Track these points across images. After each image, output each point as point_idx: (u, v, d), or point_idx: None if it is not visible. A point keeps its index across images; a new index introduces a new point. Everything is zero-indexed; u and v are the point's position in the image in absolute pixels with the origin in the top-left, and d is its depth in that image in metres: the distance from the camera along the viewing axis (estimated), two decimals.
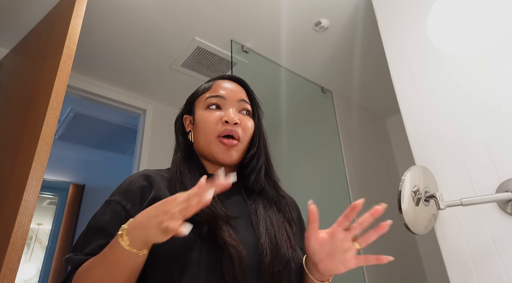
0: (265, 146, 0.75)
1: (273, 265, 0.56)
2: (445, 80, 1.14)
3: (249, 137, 0.72)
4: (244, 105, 0.73)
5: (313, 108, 2.46)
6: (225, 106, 0.71)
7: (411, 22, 1.31)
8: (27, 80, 1.32)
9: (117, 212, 0.59)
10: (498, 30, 1.04)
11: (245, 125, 0.71)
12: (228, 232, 0.56)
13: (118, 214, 0.58)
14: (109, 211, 0.59)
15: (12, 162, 1.10)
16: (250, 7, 1.70)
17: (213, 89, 0.73)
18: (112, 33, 1.83)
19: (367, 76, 2.32)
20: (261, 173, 0.71)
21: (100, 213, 0.60)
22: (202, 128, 0.70)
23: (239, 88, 0.75)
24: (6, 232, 0.90)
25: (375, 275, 2.00)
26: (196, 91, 0.77)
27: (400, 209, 0.87)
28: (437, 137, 1.12)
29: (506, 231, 0.91)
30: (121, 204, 0.60)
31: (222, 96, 0.71)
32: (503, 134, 0.97)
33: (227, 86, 0.73)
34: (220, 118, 0.69)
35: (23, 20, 1.68)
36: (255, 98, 0.78)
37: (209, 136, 0.68)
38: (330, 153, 2.30)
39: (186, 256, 0.53)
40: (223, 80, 0.76)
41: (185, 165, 0.69)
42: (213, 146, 0.68)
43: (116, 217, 0.58)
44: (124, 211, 0.59)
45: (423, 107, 1.19)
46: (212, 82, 0.76)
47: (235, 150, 0.69)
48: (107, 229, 0.57)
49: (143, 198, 0.60)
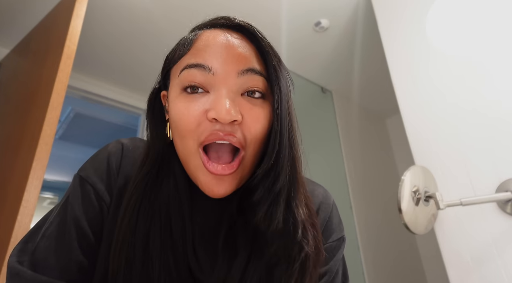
0: (291, 150, 0.43)
1: None
2: (445, 80, 1.14)
3: (263, 139, 0.42)
4: (252, 81, 0.41)
5: (313, 108, 2.46)
6: (215, 87, 0.40)
7: (411, 22, 1.31)
8: (27, 80, 1.32)
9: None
10: (498, 30, 1.04)
11: (253, 121, 0.41)
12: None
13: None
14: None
15: (12, 162, 1.10)
16: (250, 7, 1.70)
17: (194, 50, 0.42)
18: (112, 34, 1.83)
19: (367, 76, 2.32)
20: (279, 205, 0.40)
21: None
22: (176, 129, 0.42)
23: (245, 46, 0.43)
24: (7, 232, 0.90)
25: (375, 275, 2.00)
26: (171, 53, 0.47)
27: (399, 209, 0.87)
28: (437, 137, 1.12)
29: (506, 231, 0.91)
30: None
31: (207, 67, 0.40)
32: (502, 134, 0.97)
33: (220, 43, 0.42)
34: (203, 112, 0.40)
35: (24, 20, 1.68)
36: (275, 63, 0.43)
37: (187, 144, 0.41)
38: (330, 153, 2.30)
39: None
40: (214, 31, 0.44)
41: (153, 185, 0.43)
42: (194, 164, 0.41)
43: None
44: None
45: (423, 107, 1.19)
46: (195, 33, 0.46)
47: (234, 176, 0.41)
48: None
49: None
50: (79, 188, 0.45)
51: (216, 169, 0.39)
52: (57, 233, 0.41)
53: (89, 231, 0.42)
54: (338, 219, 0.53)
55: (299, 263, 0.39)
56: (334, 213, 0.52)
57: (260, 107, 0.42)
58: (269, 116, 0.42)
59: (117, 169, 0.46)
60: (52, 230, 0.42)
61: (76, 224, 0.42)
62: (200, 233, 0.43)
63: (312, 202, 0.48)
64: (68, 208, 0.43)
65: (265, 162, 0.41)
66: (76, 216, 0.42)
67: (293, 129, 0.44)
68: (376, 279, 1.99)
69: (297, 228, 0.40)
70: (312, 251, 0.41)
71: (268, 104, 0.43)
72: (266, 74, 0.43)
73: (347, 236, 0.54)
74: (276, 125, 0.41)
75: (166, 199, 0.43)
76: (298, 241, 0.40)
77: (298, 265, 0.39)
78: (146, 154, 0.46)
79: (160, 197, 0.43)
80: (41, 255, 0.40)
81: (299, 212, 0.41)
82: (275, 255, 0.40)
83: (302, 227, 0.41)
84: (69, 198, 0.44)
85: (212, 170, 0.39)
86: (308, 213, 0.43)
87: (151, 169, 0.44)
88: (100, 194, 0.44)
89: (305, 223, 0.41)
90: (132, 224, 0.41)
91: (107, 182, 0.45)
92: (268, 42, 0.44)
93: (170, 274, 0.40)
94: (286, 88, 0.44)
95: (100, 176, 0.45)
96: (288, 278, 0.39)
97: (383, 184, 2.43)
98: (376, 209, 2.24)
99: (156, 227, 0.41)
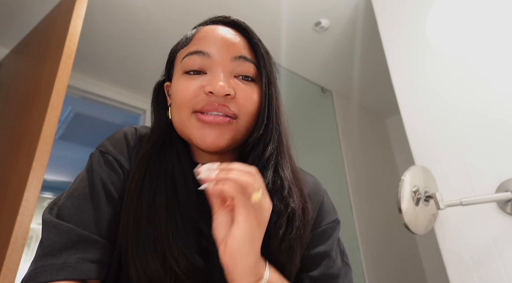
0: (278, 126, 0.50)
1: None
2: (445, 80, 1.14)
3: (254, 114, 0.48)
4: (243, 66, 0.48)
5: (313, 108, 2.46)
6: (212, 68, 0.47)
7: (411, 22, 1.31)
8: (27, 80, 1.32)
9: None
10: (498, 31, 1.04)
11: (245, 97, 0.47)
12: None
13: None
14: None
15: (12, 162, 1.10)
16: (250, 7, 1.70)
17: (195, 40, 0.50)
18: (112, 33, 1.83)
19: (367, 76, 2.32)
20: (268, 169, 0.47)
21: None
22: (175, 102, 0.48)
23: (238, 38, 0.50)
24: (7, 232, 0.90)
25: (375, 275, 2.00)
26: (175, 45, 0.55)
27: (399, 209, 0.87)
28: (437, 137, 1.12)
29: (506, 231, 0.91)
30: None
31: (205, 53, 0.47)
32: (502, 134, 0.97)
33: (217, 35, 0.49)
34: (200, 87, 0.46)
35: (24, 20, 1.68)
36: (263, 53, 0.51)
37: (182, 112, 0.47)
38: (330, 153, 2.30)
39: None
40: (212, 26, 0.51)
41: (158, 156, 0.49)
42: (188, 126, 0.47)
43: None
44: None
45: (423, 107, 1.19)
46: (197, 28, 0.53)
47: (225, 130, 0.46)
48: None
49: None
50: (102, 158, 0.49)
51: (209, 117, 0.45)
52: (87, 194, 0.45)
53: (114, 193, 0.47)
54: (331, 204, 0.59)
55: (286, 216, 0.46)
56: (325, 199, 0.58)
57: (252, 87, 0.49)
58: (259, 96, 0.49)
59: (134, 145, 0.52)
60: (82, 192, 0.46)
61: (104, 186, 0.46)
62: (202, 197, 0.47)
63: (299, 173, 0.54)
64: (94, 173, 0.47)
65: (255, 131, 0.48)
66: (102, 179, 0.47)
67: (279, 109, 0.52)
68: (376, 279, 1.99)
69: (284, 188, 0.47)
70: (298, 207, 0.48)
71: (258, 86, 0.50)
72: (256, 62, 0.50)
73: (347, 236, 0.55)
74: (265, 103, 0.49)
75: (170, 167, 0.48)
76: (284, 198, 0.47)
77: (286, 218, 0.46)
78: (151, 132, 0.53)
79: (164, 165, 0.48)
80: (72, 211, 0.44)
81: (285, 176, 0.49)
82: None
83: (288, 187, 0.48)
84: (93, 166, 0.48)
85: (205, 118, 0.45)
86: (294, 178, 0.51)
87: (156, 143, 0.50)
88: (121, 162, 0.49)
89: (291, 185, 0.49)
90: (138, 186, 0.46)
91: (126, 155, 0.50)
92: (257, 36, 0.52)
93: (177, 226, 0.44)
94: (273, 74, 0.52)
95: (119, 150, 0.50)
96: (278, 229, 0.45)
97: (383, 184, 2.43)
98: (376, 209, 2.24)
99: (161, 189, 0.46)
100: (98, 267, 0.41)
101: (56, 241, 0.41)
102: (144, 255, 0.42)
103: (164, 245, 0.42)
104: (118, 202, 0.47)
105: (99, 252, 0.42)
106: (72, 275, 0.39)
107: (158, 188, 0.46)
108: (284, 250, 0.46)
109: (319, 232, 0.54)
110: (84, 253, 0.41)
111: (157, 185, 0.46)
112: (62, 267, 0.39)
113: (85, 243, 0.41)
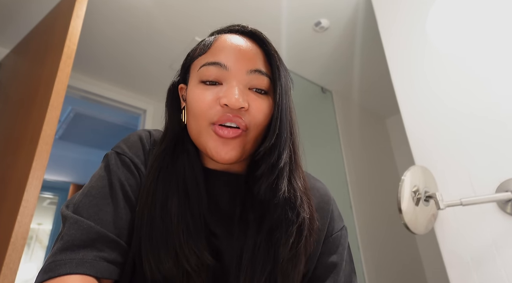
0: (291, 135, 0.51)
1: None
2: (445, 80, 1.14)
3: (263, 125, 0.49)
4: (258, 79, 0.49)
5: (313, 108, 2.46)
6: (227, 80, 0.48)
7: (411, 22, 1.31)
8: (27, 80, 1.32)
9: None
10: (498, 31, 1.04)
11: (257, 109, 0.48)
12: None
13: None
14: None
15: (12, 161, 1.10)
16: (250, 7, 1.70)
17: (213, 50, 0.51)
18: (112, 33, 1.83)
19: (367, 76, 2.32)
20: (283, 179, 0.48)
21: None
22: (192, 111, 0.49)
23: (254, 49, 0.51)
24: (7, 232, 0.90)
25: (375, 275, 2.00)
26: (192, 51, 0.56)
27: (400, 209, 0.87)
28: (437, 137, 1.12)
29: (506, 231, 0.91)
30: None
31: (223, 64, 0.48)
32: (502, 134, 0.97)
33: (234, 46, 0.50)
34: (216, 99, 0.47)
35: (23, 20, 1.68)
36: (279, 64, 0.51)
37: (200, 123, 0.48)
38: (330, 153, 2.30)
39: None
40: (230, 35, 0.52)
41: (171, 158, 0.51)
42: (204, 136, 0.48)
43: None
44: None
45: (423, 107, 1.19)
46: (214, 36, 0.54)
47: (237, 143, 0.47)
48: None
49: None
50: (118, 160, 0.51)
51: (223, 133, 0.46)
52: (105, 193, 0.47)
53: (131, 195, 0.49)
54: (338, 211, 0.60)
55: (296, 225, 0.47)
56: (335, 206, 0.60)
57: (264, 100, 0.50)
58: (270, 108, 0.50)
59: (149, 149, 0.54)
60: (99, 191, 0.47)
61: (122, 187, 0.48)
62: (214, 201, 0.50)
63: (307, 182, 0.55)
64: (112, 174, 0.49)
65: (267, 141, 0.48)
66: (120, 180, 0.48)
67: (293, 120, 0.52)
68: (376, 279, 1.99)
69: (296, 197, 0.48)
70: (307, 217, 0.49)
71: (271, 98, 0.51)
72: (270, 74, 0.51)
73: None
74: (277, 113, 0.49)
75: (181, 170, 0.50)
76: (297, 208, 0.48)
77: (296, 228, 0.47)
78: (164, 134, 0.54)
79: (176, 168, 0.50)
80: (91, 210, 0.45)
81: (298, 185, 0.50)
82: (277, 220, 0.48)
83: (300, 197, 0.49)
84: (110, 166, 0.50)
85: (220, 133, 0.46)
86: (304, 187, 0.52)
87: (168, 146, 0.52)
88: (138, 165, 0.51)
89: (302, 194, 0.50)
90: (153, 187, 0.48)
91: (142, 158, 0.52)
92: (273, 47, 0.52)
93: (188, 226, 0.46)
94: (287, 85, 0.52)
95: (135, 153, 0.52)
96: (287, 238, 0.47)
97: (383, 183, 2.43)
98: (376, 209, 2.24)
99: (173, 190, 0.48)
100: (113, 267, 0.43)
101: (76, 237, 0.42)
102: (158, 253, 0.44)
103: (175, 243, 0.45)
104: (134, 204, 0.48)
105: (115, 252, 0.44)
106: (89, 270, 0.40)
107: (170, 190, 0.48)
108: (291, 257, 0.47)
109: (331, 240, 0.55)
110: (100, 251, 0.42)
111: (169, 186, 0.49)
112: (80, 262, 0.41)
113: (103, 242, 0.43)
